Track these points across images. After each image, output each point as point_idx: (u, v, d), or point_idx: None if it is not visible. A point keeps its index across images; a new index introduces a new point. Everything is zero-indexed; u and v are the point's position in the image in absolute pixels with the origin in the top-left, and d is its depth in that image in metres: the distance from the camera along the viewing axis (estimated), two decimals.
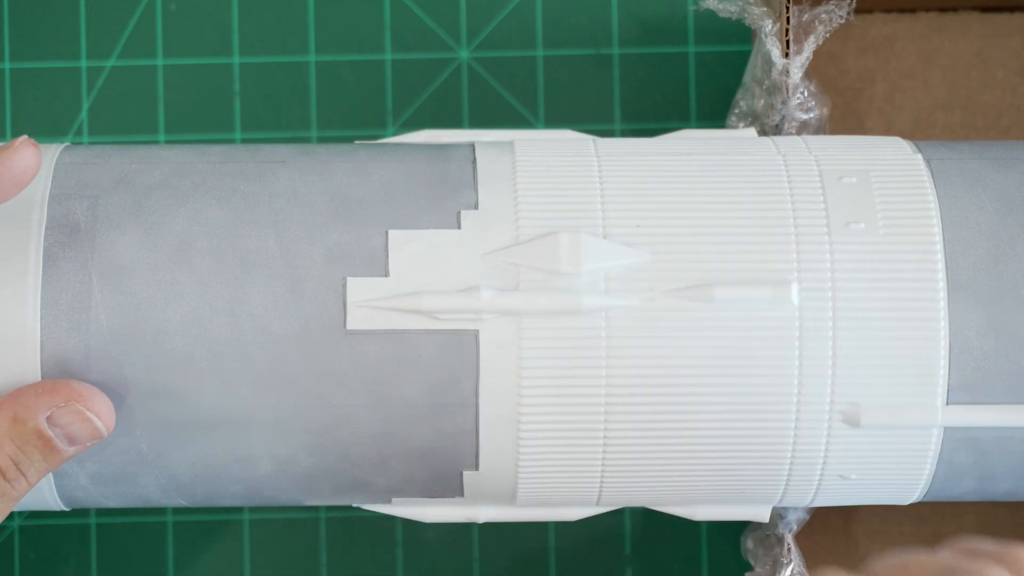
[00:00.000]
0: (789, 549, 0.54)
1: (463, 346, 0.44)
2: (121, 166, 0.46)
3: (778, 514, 0.55)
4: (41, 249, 0.44)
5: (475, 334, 0.44)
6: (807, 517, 0.55)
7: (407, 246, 0.44)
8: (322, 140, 0.63)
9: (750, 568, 0.57)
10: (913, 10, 0.62)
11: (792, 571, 0.54)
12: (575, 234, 0.44)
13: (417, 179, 0.46)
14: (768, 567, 0.55)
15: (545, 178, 0.46)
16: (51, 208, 0.45)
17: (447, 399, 0.44)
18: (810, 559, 0.61)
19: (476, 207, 0.45)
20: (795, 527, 0.55)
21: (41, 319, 0.43)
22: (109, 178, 0.45)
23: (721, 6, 0.55)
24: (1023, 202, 0.46)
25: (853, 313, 0.44)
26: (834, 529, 0.61)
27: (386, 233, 0.44)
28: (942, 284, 0.45)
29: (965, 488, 0.47)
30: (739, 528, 0.60)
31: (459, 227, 0.45)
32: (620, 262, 0.44)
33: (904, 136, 0.60)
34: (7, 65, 0.63)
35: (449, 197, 0.45)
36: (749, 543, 0.57)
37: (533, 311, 0.44)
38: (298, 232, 0.44)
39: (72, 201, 0.45)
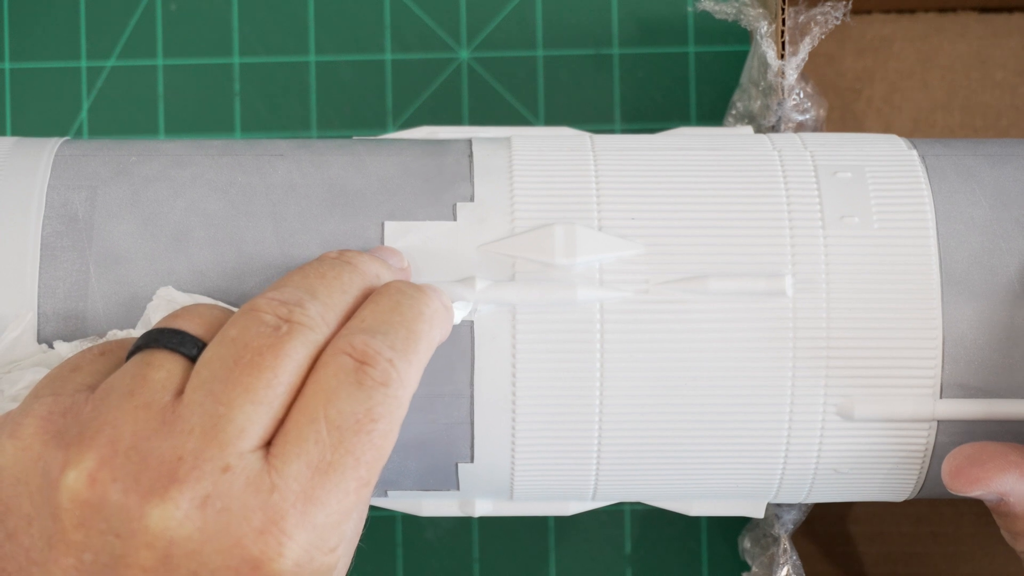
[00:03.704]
0: (785, 549, 0.54)
1: (458, 336, 0.44)
2: (120, 158, 0.46)
3: (774, 514, 0.55)
4: (39, 238, 0.44)
5: (470, 324, 0.44)
6: (803, 518, 0.55)
7: (403, 237, 0.44)
8: None
9: (748, 568, 0.57)
10: (912, 11, 0.62)
11: (788, 571, 0.54)
12: (570, 226, 0.44)
13: (414, 172, 0.46)
14: (765, 567, 0.55)
15: (541, 171, 0.46)
16: (49, 198, 0.45)
17: (442, 389, 0.44)
18: (806, 559, 0.61)
19: (472, 199, 0.45)
20: (791, 527, 0.55)
21: (38, 308, 0.44)
22: (108, 169, 0.45)
23: (717, 7, 0.55)
24: (1017, 197, 0.46)
25: (847, 305, 0.44)
26: (831, 529, 0.61)
27: (382, 224, 0.45)
28: (936, 278, 0.45)
29: None
30: (739, 528, 0.60)
31: (455, 219, 0.45)
32: (615, 254, 0.44)
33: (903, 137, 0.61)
34: (7, 65, 0.63)
35: (445, 190, 0.45)
36: (746, 543, 0.57)
37: (528, 302, 0.44)
38: (295, 223, 0.45)
39: (70, 191, 0.45)
